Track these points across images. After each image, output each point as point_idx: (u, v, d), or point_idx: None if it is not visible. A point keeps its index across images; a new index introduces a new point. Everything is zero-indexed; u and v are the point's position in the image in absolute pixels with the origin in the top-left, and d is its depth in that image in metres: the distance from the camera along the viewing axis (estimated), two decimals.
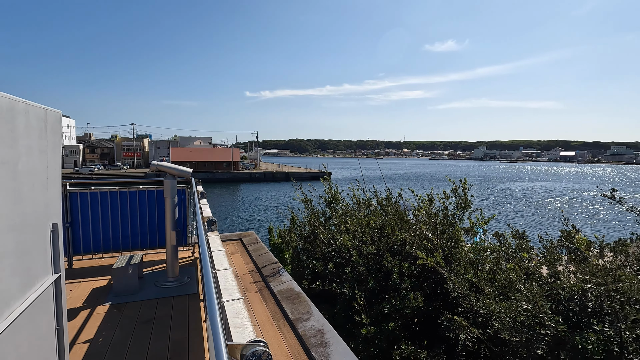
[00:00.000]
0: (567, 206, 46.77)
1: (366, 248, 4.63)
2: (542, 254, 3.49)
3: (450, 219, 4.83)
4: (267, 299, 3.65)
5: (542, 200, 55.60)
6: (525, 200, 54.13)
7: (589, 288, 2.66)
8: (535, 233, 4.29)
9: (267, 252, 5.10)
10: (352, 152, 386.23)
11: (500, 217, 39.01)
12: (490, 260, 4.39)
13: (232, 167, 73.52)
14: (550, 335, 2.71)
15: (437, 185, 8.61)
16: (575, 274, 2.93)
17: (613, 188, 3.76)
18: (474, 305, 3.67)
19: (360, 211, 5.69)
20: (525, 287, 2.96)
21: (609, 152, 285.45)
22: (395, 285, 4.39)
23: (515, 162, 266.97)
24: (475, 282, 3.88)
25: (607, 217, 35.89)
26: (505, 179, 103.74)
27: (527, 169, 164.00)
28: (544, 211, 43.50)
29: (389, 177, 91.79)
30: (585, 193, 62.75)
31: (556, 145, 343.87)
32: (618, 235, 3.67)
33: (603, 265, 2.72)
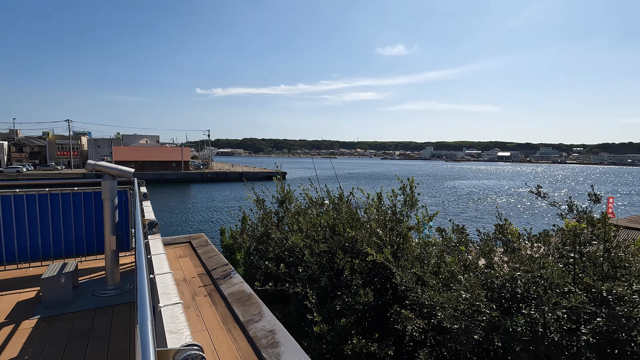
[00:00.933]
0: (505, 201, 50.93)
1: (318, 247, 4.67)
2: (480, 246, 3.77)
3: (399, 216, 5.05)
4: (217, 302, 3.55)
5: (483, 196, 60.01)
6: (468, 197, 58.07)
7: (518, 276, 2.92)
8: (477, 227, 4.61)
9: (217, 254, 4.95)
10: (307, 152, 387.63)
11: (447, 213, 41.44)
12: (434, 254, 4.65)
13: (183, 167, 70.29)
14: (486, 321, 2.94)
15: (388, 183, 8.96)
16: (507, 264, 3.21)
17: (539, 185, 4.16)
18: (420, 298, 3.87)
19: (313, 210, 5.73)
20: (464, 278, 3.18)
21: (538, 152, 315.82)
22: (347, 282, 4.49)
23: (459, 161, 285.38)
24: (421, 276, 4.09)
25: (536, 211, 39.58)
26: (450, 177, 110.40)
27: (470, 168, 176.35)
28: (484, 207, 47.02)
29: (343, 176, 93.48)
30: (519, 190, 68.73)
31: (494, 146, 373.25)
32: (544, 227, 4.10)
33: (529, 255, 3.01)
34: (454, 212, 41.11)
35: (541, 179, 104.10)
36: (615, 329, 2.40)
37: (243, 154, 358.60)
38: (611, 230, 3.10)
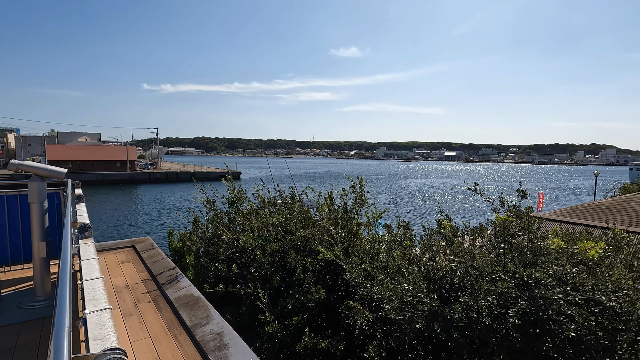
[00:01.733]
0: (451, 198, 54.17)
1: (270, 246, 4.66)
2: (423, 241, 3.99)
3: (350, 214, 5.18)
4: (162, 308, 3.40)
5: (432, 194, 63.34)
6: (418, 195, 60.95)
7: (454, 267, 3.14)
8: (422, 223, 4.87)
9: (164, 258, 4.73)
10: (262, 152, 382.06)
11: (400, 210, 43.17)
12: (383, 250, 4.85)
13: (128, 167, 65.88)
14: (427, 311, 3.13)
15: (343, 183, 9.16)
16: (444, 256, 3.44)
17: (475, 183, 4.51)
18: (369, 292, 4.01)
19: (265, 210, 5.69)
20: (407, 272, 3.35)
21: (480, 152, 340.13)
22: (299, 281, 4.52)
23: (410, 161, 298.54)
24: (370, 271, 4.24)
25: (477, 207, 42.57)
26: (402, 176, 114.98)
27: (419, 167, 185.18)
28: (433, 204, 49.68)
29: (299, 176, 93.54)
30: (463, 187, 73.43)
31: (442, 146, 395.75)
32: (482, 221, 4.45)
33: (463, 247, 3.25)
34: (406, 210, 42.91)
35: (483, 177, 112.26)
36: (535, 309, 2.69)
37: (195, 153, 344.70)
38: (535, 222, 3.45)
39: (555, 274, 2.67)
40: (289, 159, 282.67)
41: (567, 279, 2.66)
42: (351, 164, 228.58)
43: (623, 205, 14.52)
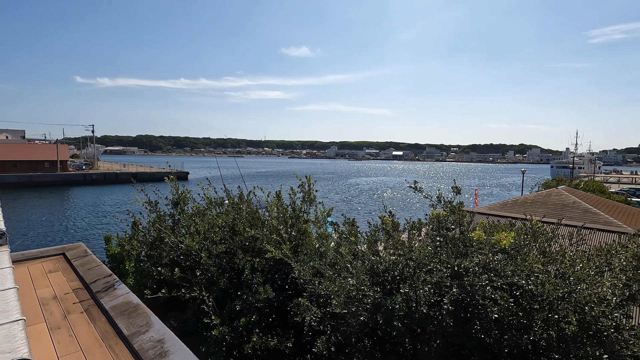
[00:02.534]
0: (399, 195, 56.65)
1: (217, 248, 4.55)
2: (368, 236, 4.16)
3: (298, 213, 5.23)
4: (96, 318, 3.17)
5: (381, 191, 65.72)
6: (369, 192, 62.89)
7: (395, 260, 3.33)
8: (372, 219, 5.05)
9: (99, 265, 4.41)
10: (212, 151, 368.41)
11: (351, 207, 44.19)
12: (332, 247, 4.96)
13: (59, 168, 59.90)
14: (371, 303, 3.27)
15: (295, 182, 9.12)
16: (386, 250, 3.62)
17: (415, 180, 4.79)
18: (317, 289, 4.09)
19: (212, 211, 5.54)
20: (352, 266, 3.48)
21: (425, 152, 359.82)
22: (248, 281, 4.47)
23: (360, 160, 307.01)
24: (318, 268, 4.32)
25: (421, 203, 45.04)
26: (353, 175, 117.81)
27: (369, 166, 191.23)
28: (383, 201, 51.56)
29: (251, 175, 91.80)
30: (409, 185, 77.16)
31: (390, 146, 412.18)
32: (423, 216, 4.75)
33: (402, 241, 3.46)
34: (357, 207, 44.03)
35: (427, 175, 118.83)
36: (465, 296, 2.94)
37: (137, 152, 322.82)
38: (466, 216, 3.76)
39: (481, 262, 2.94)
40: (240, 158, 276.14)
41: (490, 266, 2.94)
42: (303, 163, 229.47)
43: (544, 199, 16.27)
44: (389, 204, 48.96)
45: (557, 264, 3.15)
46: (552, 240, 3.86)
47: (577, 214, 13.86)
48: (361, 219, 5.34)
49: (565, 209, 14.67)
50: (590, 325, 2.66)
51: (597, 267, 3.08)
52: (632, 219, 14.77)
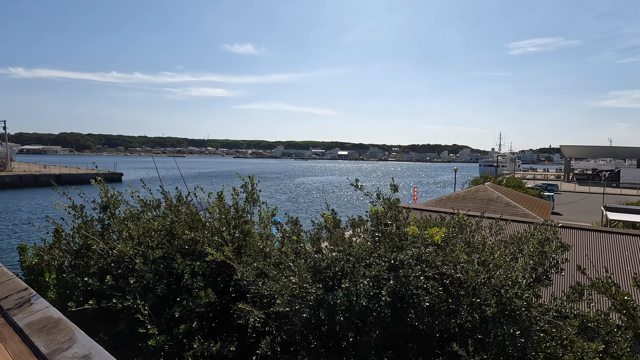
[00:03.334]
0: (344, 193, 58.07)
1: (153, 253, 4.29)
2: (311, 235, 4.22)
3: (241, 213, 5.13)
4: (7, 339, 2.82)
5: (328, 190, 66.87)
6: (316, 191, 63.64)
7: (336, 256, 3.43)
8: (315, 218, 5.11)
9: (11, 278, 3.92)
10: (149, 150, 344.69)
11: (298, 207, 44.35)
12: (275, 246, 4.95)
13: None
14: (313, 300, 3.34)
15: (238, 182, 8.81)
16: (327, 247, 3.72)
17: (357, 179, 4.97)
18: (260, 290, 4.05)
19: (148, 214, 5.21)
20: (295, 265, 3.51)
21: (368, 151, 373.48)
22: (188, 286, 4.29)
23: (307, 160, 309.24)
24: (262, 268, 4.29)
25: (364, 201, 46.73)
26: (300, 174, 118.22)
27: (316, 166, 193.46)
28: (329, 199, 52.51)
29: (193, 176, 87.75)
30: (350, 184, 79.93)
31: (335, 145, 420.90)
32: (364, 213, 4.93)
33: (342, 237, 3.58)
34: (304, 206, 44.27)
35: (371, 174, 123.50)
36: (400, 287, 3.13)
37: (61, 152, 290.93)
38: (402, 212, 3.99)
39: (414, 254, 3.16)
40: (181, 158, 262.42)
41: (422, 258, 3.17)
42: (249, 163, 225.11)
43: (473, 195, 17.84)
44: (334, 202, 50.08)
45: (479, 253, 3.49)
46: (476, 231, 4.26)
47: (500, 207, 15.42)
48: (307, 218, 5.39)
49: (491, 203, 16.24)
50: (506, 306, 3.00)
51: (512, 253, 3.48)
52: (543, 210, 16.83)
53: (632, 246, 7.89)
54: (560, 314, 3.30)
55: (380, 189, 4.69)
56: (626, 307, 3.26)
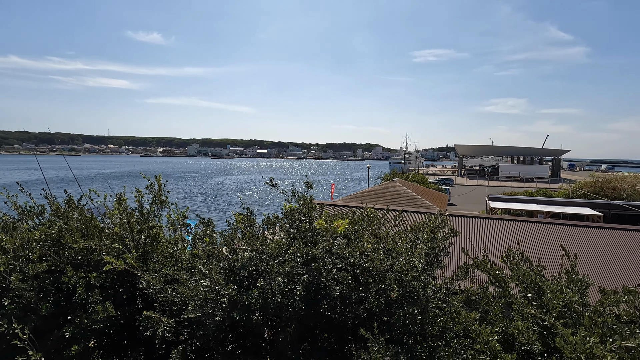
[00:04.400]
0: (264, 192, 57.46)
1: (34, 267, 3.70)
2: (225, 236, 4.10)
3: (147, 217, 4.73)
4: None
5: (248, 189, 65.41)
6: (236, 191, 61.71)
7: (250, 255, 3.40)
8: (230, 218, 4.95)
9: None
10: (32, 148, 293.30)
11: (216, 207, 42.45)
12: (187, 250, 4.68)
13: None
14: (227, 302, 3.26)
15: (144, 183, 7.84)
16: (243, 246, 3.67)
17: (271, 177, 4.98)
18: (170, 297, 3.80)
19: (28, 223, 4.46)
20: (205, 268, 3.38)
21: (288, 149, 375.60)
22: (82, 301, 3.80)
23: (224, 158, 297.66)
24: (172, 274, 4.02)
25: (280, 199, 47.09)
26: (218, 173, 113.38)
27: (234, 165, 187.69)
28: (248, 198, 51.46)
29: (91, 177, 77.54)
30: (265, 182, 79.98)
31: (254, 144, 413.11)
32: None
33: (258, 236, 3.57)
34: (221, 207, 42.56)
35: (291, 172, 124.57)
36: (312, 279, 3.25)
37: None
38: (316, 208, 4.13)
39: (324, 248, 3.31)
40: (75, 157, 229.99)
41: (332, 250, 3.34)
42: (160, 162, 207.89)
43: (383, 190, 19.33)
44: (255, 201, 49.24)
45: (385, 242, 3.81)
46: (382, 223, 4.64)
47: (406, 200, 17.00)
48: (225, 219, 5.20)
49: (399, 197, 17.79)
50: (406, 289, 3.33)
51: (411, 241, 3.88)
52: (441, 202, 19.07)
53: (508, 229, 9.42)
54: (450, 291, 3.79)
55: (295, 187, 4.78)
56: (498, 280, 3.90)
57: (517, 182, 68.40)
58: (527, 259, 4.17)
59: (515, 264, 3.81)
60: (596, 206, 25.65)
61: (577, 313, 3.50)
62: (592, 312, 3.48)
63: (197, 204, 46.09)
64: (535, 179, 71.06)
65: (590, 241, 8.38)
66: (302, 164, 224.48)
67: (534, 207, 24.76)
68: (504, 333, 3.45)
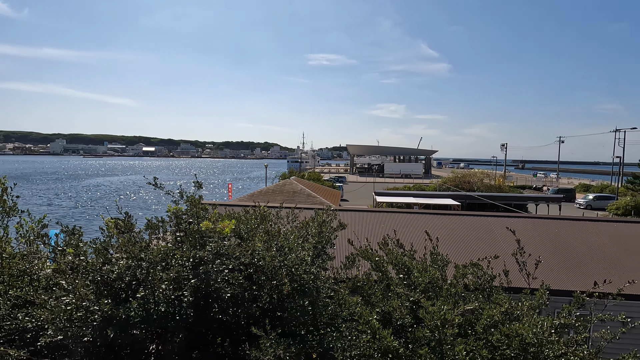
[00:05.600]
0: (149, 193, 52.10)
1: None
2: (96, 245, 3.58)
3: None
4: None
5: (129, 191, 58.37)
6: (116, 194, 54.46)
7: (127, 264, 3.06)
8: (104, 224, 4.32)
9: None
10: None
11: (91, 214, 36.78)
12: (46, 265, 3.94)
13: None
14: (99, 318, 2.87)
15: None
16: (120, 254, 3.27)
17: (155, 177, 4.55)
18: (22, 323, 3.15)
19: None
20: (68, 282, 2.92)
21: (179, 147, 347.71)
22: None
23: (101, 156, 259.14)
24: (22, 296, 3.34)
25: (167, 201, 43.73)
26: (93, 174, 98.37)
27: (115, 164, 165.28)
28: (134, 202, 45.92)
29: None
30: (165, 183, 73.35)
31: (139, 141, 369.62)
32: None
33: (135, 242, 3.24)
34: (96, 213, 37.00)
35: (184, 171, 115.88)
36: (201, 284, 3.11)
37: None
38: (205, 209, 3.95)
39: (213, 249, 3.20)
40: None
41: (221, 251, 3.25)
42: (10, 161, 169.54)
43: (281, 188, 19.58)
44: (137, 204, 44.25)
45: (277, 239, 3.88)
46: (277, 221, 4.71)
47: (302, 198, 17.56)
48: (102, 225, 4.42)
49: (295, 195, 18.26)
50: (297, 282, 3.46)
51: (301, 236, 4.04)
52: (335, 198, 20.29)
53: (390, 220, 10.57)
54: (338, 280, 4.08)
55: (186, 187, 4.48)
56: (378, 266, 4.37)
57: (399, 178, 77.47)
58: (402, 245, 4.77)
59: (389, 250, 4.31)
60: (456, 197, 30.88)
61: (439, 287, 4.16)
62: (449, 284, 4.19)
63: (66, 211, 39.18)
64: (413, 175, 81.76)
65: (451, 226, 10.04)
66: (197, 163, 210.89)
67: (411, 199, 28.46)
68: (383, 312, 3.88)
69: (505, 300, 3.73)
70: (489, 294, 4.22)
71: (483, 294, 4.29)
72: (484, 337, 3.29)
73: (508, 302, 3.71)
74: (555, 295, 5.36)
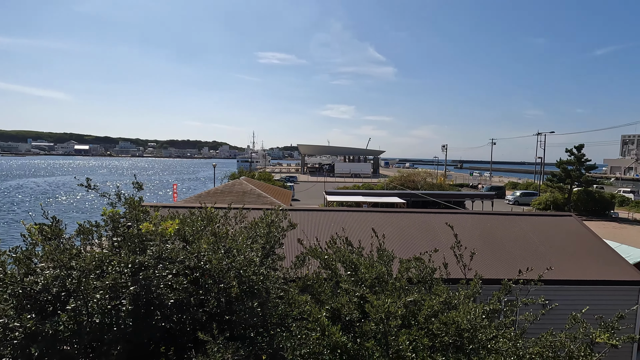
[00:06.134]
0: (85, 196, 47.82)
1: None
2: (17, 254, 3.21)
3: None
4: None
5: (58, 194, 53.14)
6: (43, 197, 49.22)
7: (55, 273, 2.78)
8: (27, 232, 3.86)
9: None
10: None
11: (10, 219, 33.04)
12: None
13: None
14: (20, 335, 2.58)
15: None
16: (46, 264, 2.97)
17: (88, 178, 4.20)
18: None
19: None
20: None
21: (118, 146, 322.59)
22: None
23: (24, 155, 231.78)
24: None
25: None
26: (14, 175, 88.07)
27: (41, 163, 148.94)
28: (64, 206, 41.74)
29: None
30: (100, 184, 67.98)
31: (70, 138, 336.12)
32: None
33: (65, 249, 2.96)
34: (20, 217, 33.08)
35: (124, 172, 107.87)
36: (141, 291, 2.93)
37: None
38: (145, 212, 3.72)
39: (154, 254, 3.03)
40: None
41: (164, 255, 3.09)
42: None
43: (230, 189, 19.04)
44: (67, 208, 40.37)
45: (224, 241, 3.77)
46: (224, 222, 4.58)
47: (253, 198, 17.24)
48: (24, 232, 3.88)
49: (245, 195, 17.86)
50: (246, 284, 3.40)
51: (250, 237, 3.97)
52: (286, 198, 20.21)
53: (339, 219, 10.79)
54: (287, 279, 4.08)
55: (124, 188, 4.18)
56: (328, 264, 4.45)
57: (349, 177, 79.31)
58: (350, 242, 4.90)
59: (337, 248, 4.41)
60: (402, 195, 32.41)
61: (385, 281, 4.35)
62: (394, 279, 4.39)
63: None
64: (362, 174, 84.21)
65: (397, 224, 10.52)
66: (138, 162, 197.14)
67: (360, 198, 29.32)
68: (333, 309, 3.96)
69: (444, 290, 4.01)
70: (430, 286, 4.50)
71: (425, 286, 4.56)
72: (425, 327, 3.50)
73: (447, 292, 3.99)
74: (488, 284, 5.86)
